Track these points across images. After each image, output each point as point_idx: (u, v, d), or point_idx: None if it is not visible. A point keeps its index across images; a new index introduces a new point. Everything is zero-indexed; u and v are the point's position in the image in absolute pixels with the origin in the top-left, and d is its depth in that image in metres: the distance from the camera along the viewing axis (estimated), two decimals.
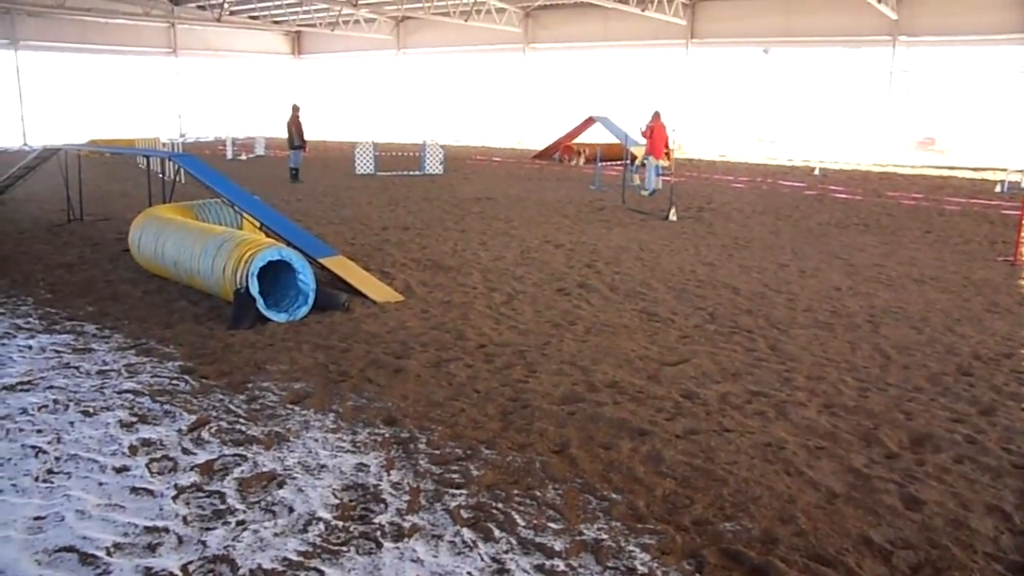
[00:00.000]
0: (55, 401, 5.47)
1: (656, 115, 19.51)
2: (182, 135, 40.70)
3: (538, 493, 4.20)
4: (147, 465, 4.50)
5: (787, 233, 13.46)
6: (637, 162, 17.38)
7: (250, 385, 5.82)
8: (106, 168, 24.56)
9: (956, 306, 8.62)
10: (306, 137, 21.84)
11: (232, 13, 41.27)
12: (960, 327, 7.74)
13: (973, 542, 3.78)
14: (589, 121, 28.73)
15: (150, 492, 4.18)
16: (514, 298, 8.64)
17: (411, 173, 24.01)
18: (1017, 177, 22.38)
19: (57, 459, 4.58)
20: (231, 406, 5.41)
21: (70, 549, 3.65)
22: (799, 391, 5.82)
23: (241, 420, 5.16)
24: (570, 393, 5.69)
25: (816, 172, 25.79)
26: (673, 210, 15.01)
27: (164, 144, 30.44)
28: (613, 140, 26.96)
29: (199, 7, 40.54)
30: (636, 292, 9.01)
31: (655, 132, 19.18)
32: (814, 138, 32.45)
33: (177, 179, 11.12)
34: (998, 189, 21.09)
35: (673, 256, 11.27)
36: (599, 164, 21.39)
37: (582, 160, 28.48)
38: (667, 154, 20.06)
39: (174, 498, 4.12)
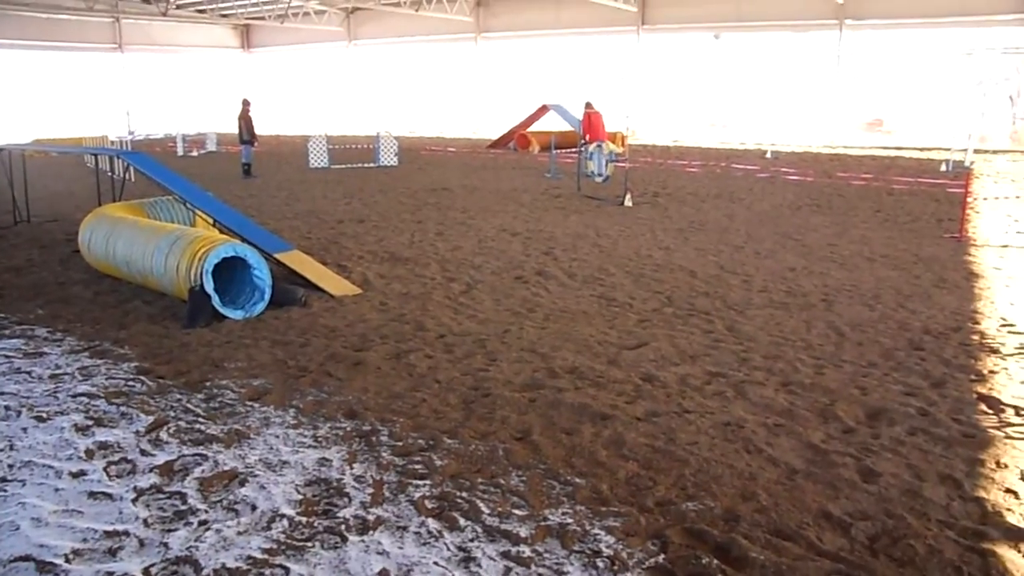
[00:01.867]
0: (6, 407, 5.34)
1: (588, 104, 19.59)
2: (131, 132, 39.92)
3: (502, 480, 4.21)
4: (105, 469, 4.41)
5: (741, 216, 13.62)
6: (591, 148, 17.42)
7: (208, 384, 5.74)
8: (53, 168, 24.02)
9: (906, 283, 8.79)
10: (257, 132, 21.55)
11: (179, 7, 40.52)
12: (911, 303, 7.89)
13: (927, 510, 3.87)
14: (543, 109, 28.74)
15: (109, 496, 4.11)
16: (472, 287, 8.63)
17: (366, 165, 23.83)
18: (960, 156, 22.87)
19: (10, 467, 4.48)
20: (189, 405, 5.33)
21: (26, 558, 3.57)
22: (757, 370, 5.90)
23: (200, 419, 5.09)
24: (531, 380, 5.70)
25: (768, 155, 26.10)
26: (628, 196, 15.08)
27: (112, 142, 29.83)
28: (567, 128, 27.03)
29: (144, 1, 39.73)
30: (594, 278, 9.05)
31: (592, 120, 19.26)
32: (765, 121, 32.84)
33: (127, 177, 10.89)
34: (943, 168, 21.51)
35: (629, 241, 11.32)
36: (554, 152, 21.43)
37: (537, 149, 28.47)
38: (622, 140, 20.15)
39: (134, 501, 4.05)
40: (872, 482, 4.16)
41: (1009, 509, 3.88)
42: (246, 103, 21.46)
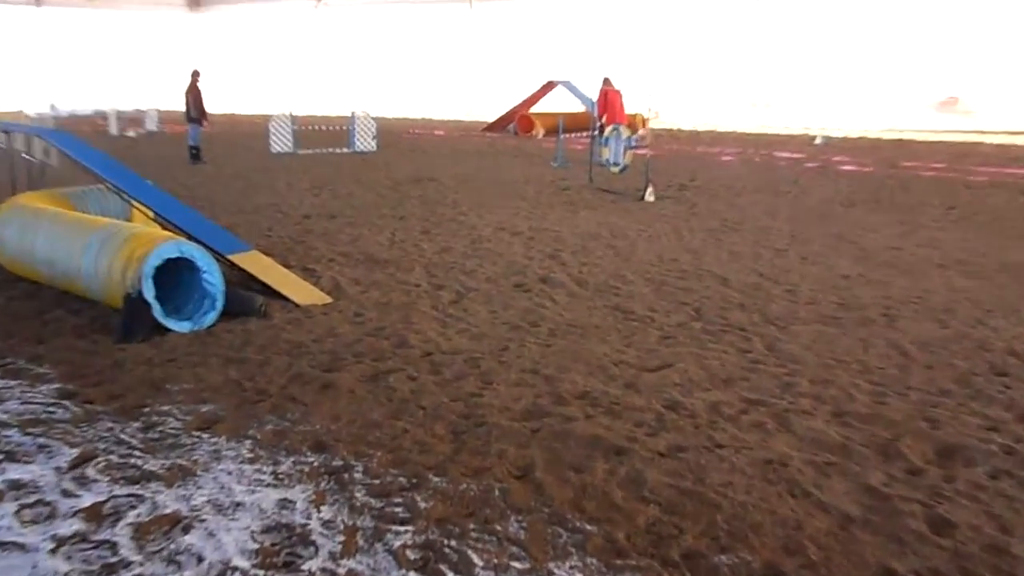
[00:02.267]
0: None
1: (606, 80, 19.70)
2: (53, 108, 39.97)
3: (498, 527, 4.21)
4: (17, 513, 4.40)
5: (785, 213, 13.66)
6: (607, 132, 17.46)
7: (146, 410, 5.74)
8: None
9: (987, 294, 8.80)
10: (207, 109, 21.59)
11: None
12: (992, 319, 7.90)
13: (1016, 571, 3.86)
14: (549, 86, 28.83)
15: (21, 546, 4.09)
16: (464, 297, 8.64)
17: (338, 151, 23.89)
18: None
19: None
20: (123, 436, 5.33)
21: None
22: (803, 398, 5.90)
23: (136, 452, 5.09)
24: (533, 407, 5.70)
25: (818, 141, 26.18)
26: (650, 189, 15.16)
27: (31, 118, 29.87)
28: (578, 108, 27.07)
29: None
30: (608, 286, 9.06)
31: (610, 99, 19.33)
32: (815, 101, 32.90)
33: (47, 161, 10.88)
34: None
35: (651, 243, 11.36)
36: (561, 136, 21.48)
37: (541, 132, 28.53)
38: (643, 122, 20.17)
39: (52, 552, 4.04)
40: (946, 535, 4.15)
41: None
42: (195, 75, 21.52)
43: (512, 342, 7.14)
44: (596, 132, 18.63)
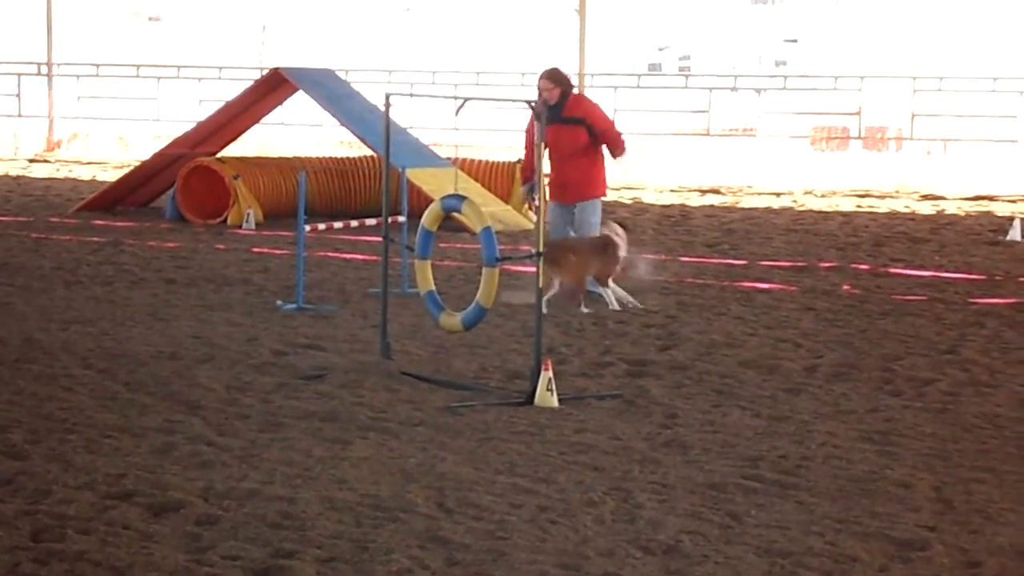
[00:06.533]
0: None
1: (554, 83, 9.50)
2: None
3: None
4: None
5: (913, 445, 5.43)
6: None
7: None
8: None
9: None
10: None
11: None
12: None
13: None
14: (271, 82, 14.91)
15: None
16: None
17: None
18: None
19: None
20: None
21: None
22: None
23: None
24: None
25: (1011, 235, 14.11)
26: (546, 376, 6.07)
27: None
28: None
29: None
30: None
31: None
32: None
33: None
34: None
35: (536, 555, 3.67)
36: (303, 223, 9.02)
37: (251, 212, 13.78)
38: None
39: None
40: None
41: None
42: None
43: None
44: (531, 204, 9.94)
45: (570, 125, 9.26)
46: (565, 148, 9.31)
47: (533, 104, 7.42)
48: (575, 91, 10.35)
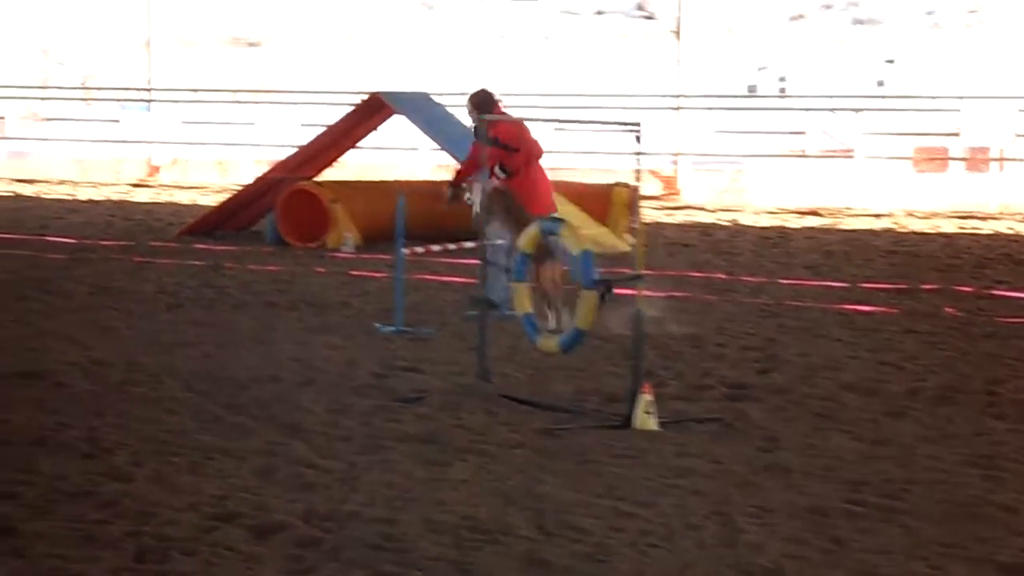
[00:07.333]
0: None
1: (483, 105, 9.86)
2: None
3: None
4: None
5: (1019, 469, 5.36)
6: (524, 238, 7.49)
7: None
8: None
9: None
10: None
11: None
12: None
13: None
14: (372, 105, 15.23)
15: None
16: None
17: None
18: None
19: None
20: None
21: None
22: None
23: None
24: None
25: None
26: (645, 399, 6.16)
27: None
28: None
29: None
30: None
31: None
32: None
33: None
34: None
35: None
36: (401, 247, 9.52)
37: (351, 237, 14.15)
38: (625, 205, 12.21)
39: None
40: None
41: None
42: None
43: None
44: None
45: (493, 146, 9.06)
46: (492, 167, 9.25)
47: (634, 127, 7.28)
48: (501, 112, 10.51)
